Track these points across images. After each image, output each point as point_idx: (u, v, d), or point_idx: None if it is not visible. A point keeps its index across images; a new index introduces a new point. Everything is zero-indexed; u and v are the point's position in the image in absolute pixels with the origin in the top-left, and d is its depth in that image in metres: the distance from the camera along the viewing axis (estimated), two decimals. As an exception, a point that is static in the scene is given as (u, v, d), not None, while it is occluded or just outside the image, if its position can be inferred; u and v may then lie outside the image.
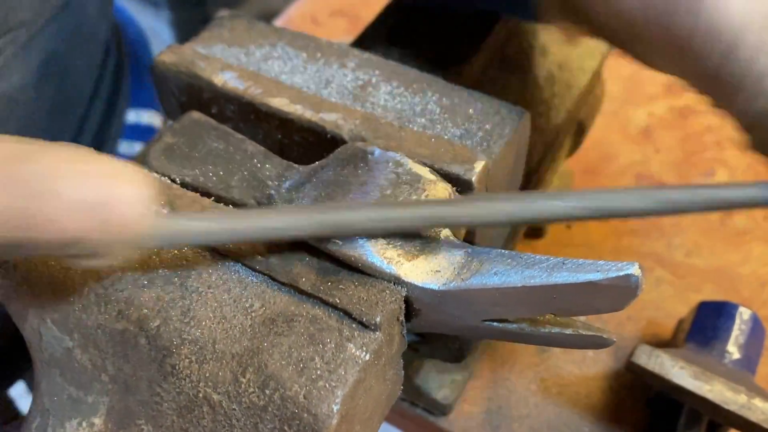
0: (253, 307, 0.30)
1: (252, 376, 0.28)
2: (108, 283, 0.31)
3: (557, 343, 0.31)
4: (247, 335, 0.29)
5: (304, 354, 0.28)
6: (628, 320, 0.57)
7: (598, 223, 0.63)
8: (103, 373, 0.32)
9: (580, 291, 0.28)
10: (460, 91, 0.38)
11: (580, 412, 0.52)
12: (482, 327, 0.31)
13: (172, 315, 0.30)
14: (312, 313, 0.30)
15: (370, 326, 0.29)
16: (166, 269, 0.31)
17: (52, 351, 0.33)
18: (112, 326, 0.30)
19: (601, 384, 0.54)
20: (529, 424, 0.52)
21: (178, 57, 0.39)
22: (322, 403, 0.27)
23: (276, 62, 0.40)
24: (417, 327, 0.32)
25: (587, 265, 0.28)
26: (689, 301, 0.56)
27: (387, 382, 0.31)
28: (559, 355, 0.55)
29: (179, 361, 0.29)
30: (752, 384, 0.48)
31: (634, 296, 0.27)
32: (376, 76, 0.39)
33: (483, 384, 0.54)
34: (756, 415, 0.45)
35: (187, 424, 0.30)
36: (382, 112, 0.37)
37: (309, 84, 0.38)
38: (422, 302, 0.31)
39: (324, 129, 0.36)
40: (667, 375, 0.47)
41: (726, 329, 0.51)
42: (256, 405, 0.28)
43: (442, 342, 0.43)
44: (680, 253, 0.61)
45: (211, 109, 0.39)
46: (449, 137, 0.36)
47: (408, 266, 0.30)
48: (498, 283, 0.29)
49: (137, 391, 0.31)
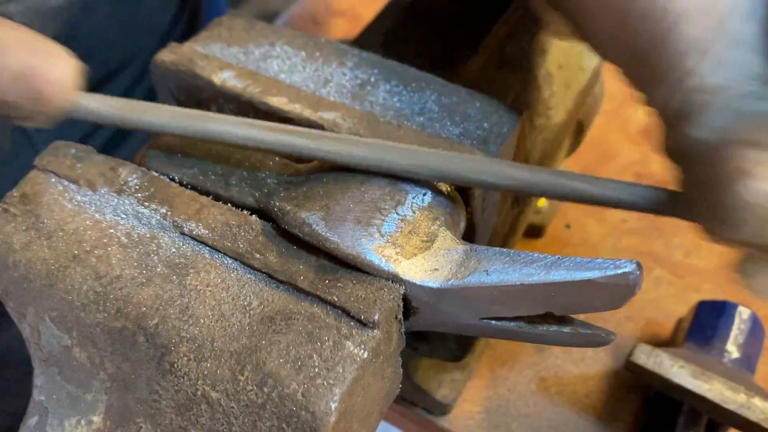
0: (252, 305, 0.30)
1: (250, 374, 0.28)
2: (107, 282, 0.31)
3: (556, 341, 0.31)
4: (245, 333, 0.29)
5: (302, 352, 0.28)
6: (627, 320, 0.57)
7: (597, 223, 0.63)
8: (101, 371, 0.32)
9: (578, 289, 0.28)
10: (458, 91, 0.38)
11: (579, 411, 0.52)
12: (481, 325, 0.31)
13: (170, 313, 0.30)
14: (310, 311, 0.30)
15: (369, 324, 0.29)
16: (165, 267, 0.31)
17: (51, 349, 0.33)
18: (111, 324, 0.30)
19: (601, 383, 0.54)
20: (528, 423, 0.52)
21: (178, 56, 0.39)
22: (320, 401, 0.27)
23: (275, 61, 0.40)
24: (415, 325, 0.32)
25: (585, 263, 0.28)
26: (688, 301, 0.56)
27: (385, 380, 0.31)
28: (558, 354, 0.55)
29: (177, 359, 0.29)
30: (751, 383, 0.48)
31: (632, 294, 0.27)
32: (375, 75, 0.39)
33: (482, 383, 0.54)
34: (755, 414, 0.45)
35: (186, 422, 0.30)
36: (380, 110, 0.37)
37: (308, 83, 0.38)
38: (420, 300, 0.31)
39: (322, 128, 0.36)
40: (667, 374, 0.47)
41: (725, 329, 0.51)
42: (254, 403, 0.28)
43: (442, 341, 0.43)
44: (680, 253, 0.61)
45: (210, 107, 0.39)
46: (447, 136, 0.36)
47: (406, 264, 0.30)
48: (496, 281, 0.29)
49: (136, 389, 0.31)
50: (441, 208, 0.33)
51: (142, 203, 0.33)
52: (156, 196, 0.33)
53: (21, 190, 0.34)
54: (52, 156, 0.34)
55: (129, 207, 0.33)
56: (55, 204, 0.33)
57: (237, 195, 0.35)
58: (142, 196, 0.33)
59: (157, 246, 0.32)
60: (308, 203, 0.32)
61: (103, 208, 0.33)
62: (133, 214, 0.33)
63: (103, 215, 0.33)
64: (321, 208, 0.32)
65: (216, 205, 0.33)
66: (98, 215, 0.33)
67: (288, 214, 0.32)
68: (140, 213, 0.33)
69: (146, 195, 0.33)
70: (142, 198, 0.33)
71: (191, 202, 0.33)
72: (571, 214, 0.64)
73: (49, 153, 0.34)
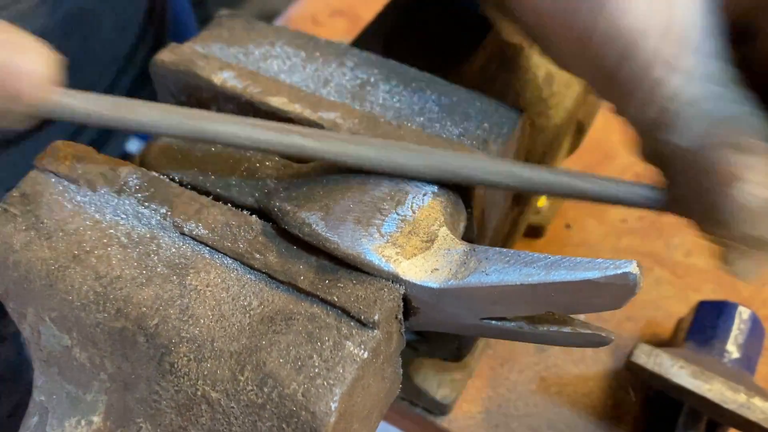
0: (252, 306, 0.30)
1: (250, 374, 0.28)
2: (107, 282, 0.31)
3: (556, 341, 0.31)
4: (245, 333, 0.29)
5: (302, 352, 0.28)
6: (627, 320, 0.57)
7: (597, 223, 0.63)
8: (101, 371, 0.32)
9: (578, 289, 0.28)
10: (458, 91, 0.38)
11: (579, 411, 0.52)
12: (481, 325, 0.31)
13: (170, 313, 0.30)
14: (310, 311, 0.30)
15: (369, 324, 0.29)
16: (165, 267, 0.31)
17: (51, 349, 0.33)
18: (111, 324, 0.30)
19: (601, 383, 0.54)
20: (528, 423, 0.52)
21: (178, 56, 0.39)
22: (321, 401, 0.27)
23: (275, 61, 0.40)
24: (416, 325, 0.32)
25: (585, 263, 0.28)
26: (689, 301, 0.56)
27: (385, 380, 0.31)
28: (558, 354, 0.55)
29: (178, 360, 0.29)
30: (751, 383, 0.48)
31: (632, 294, 0.27)
32: (375, 75, 0.39)
33: (482, 383, 0.54)
34: (755, 414, 0.45)
35: (186, 422, 0.30)
36: (380, 110, 0.37)
37: (308, 83, 0.38)
38: (421, 300, 0.31)
39: (323, 128, 0.36)
40: (667, 374, 0.47)
41: (725, 329, 0.51)
42: (254, 403, 0.28)
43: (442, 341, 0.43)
44: (680, 253, 0.61)
45: (210, 108, 0.39)
46: (447, 136, 0.36)
47: (406, 264, 0.30)
48: (496, 282, 0.29)
49: (136, 390, 0.31)
50: (441, 208, 0.33)
51: (142, 203, 0.33)
52: (156, 197, 0.33)
53: (21, 190, 0.34)
54: (52, 156, 0.34)
55: (129, 207, 0.33)
56: (55, 204, 0.33)
57: (237, 195, 0.35)
58: (142, 196, 0.33)
59: (157, 246, 0.32)
60: (308, 203, 0.32)
61: (103, 208, 0.33)
62: (133, 214, 0.33)
63: (103, 215, 0.33)
64: (321, 208, 0.32)
65: (216, 205, 0.33)
66: (98, 215, 0.33)
67: (288, 214, 0.32)
68: (140, 213, 0.33)
69: (146, 195, 0.33)
70: (142, 198, 0.33)
71: (191, 202, 0.33)
72: (571, 214, 0.64)
73: (49, 153, 0.34)
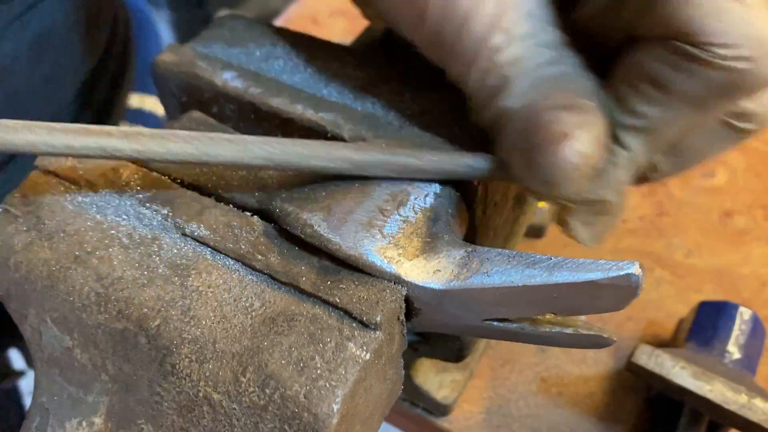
0: (254, 307, 0.30)
1: (252, 376, 0.28)
2: (108, 283, 0.31)
3: (557, 342, 0.31)
4: (247, 335, 0.29)
5: (304, 353, 0.28)
6: (628, 320, 0.57)
7: (598, 223, 0.63)
8: (103, 372, 0.32)
9: (580, 290, 0.28)
10: (460, 91, 0.38)
11: (580, 412, 0.52)
12: (483, 326, 0.31)
13: (172, 314, 0.30)
14: (312, 312, 0.30)
15: (371, 325, 0.29)
16: (167, 268, 0.31)
17: (52, 350, 0.33)
18: (112, 325, 0.30)
19: (602, 384, 0.54)
20: (529, 424, 0.52)
21: (179, 57, 0.39)
22: (323, 403, 0.27)
23: (276, 62, 0.40)
24: (417, 326, 0.32)
25: (588, 265, 0.28)
26: (689, 301, 0.56)
27: (387, 382, 0.31)
28: (559, 355, 0.55)
29: (179, 361, 0.29)
30: (753, 384, 0.48)
31: (634, 295, 0.27)
32: (376, 76, 0.39)
33: (483, 384, 0.54)
34: (756, 415, 0.45)
35: (188, 423, 0.30)
36: (382, 111, 0.37)
37: (309, 83, 0.38)
38: (423, 302, 0.31)
39: (324, 128, 0.36)
40: (668, 375, 0.47)
41: (726, 329, 0.51)
42: (256, 404, 0.28)
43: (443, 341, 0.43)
44: (680, 253, 0.61)
45: (211, 108, 0.39)
46: (449, 137, 0.36)
47: (408, 265, 0.30)
48: (498, 283, 0.29)
49: (137, 391, 0.31)
50: (443, 209, 0.33)
51: (144, 204, 0.33)
52: (158, 197, 0.33)
53: (22, 191, 0.33)
54: (53, 157, 0.34)
55: (130, 208, 0.33)
56: (56, 205, 0.33)
57: (238, 196, 0.34)
58: (143, 197, 0.33)
59: (159, 247, 0.32)
60: (310, 204, 0.32)
61: (104, 209, 0.33)
62: (134, 215, 0.33)
63: (104, 216, 0.33)
64: (323, 209, 0.32)
65: (217, 206, 0.33)
66: (99, 216, 0.33)
67: (290, 215, 0.32)
68: (142, 214, 0.33)
69: (148, 196, 0.33)
70: (143, 199, 0.33)
71: (193, 203, 0.33)
72: (572, 214, 0.64)
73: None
